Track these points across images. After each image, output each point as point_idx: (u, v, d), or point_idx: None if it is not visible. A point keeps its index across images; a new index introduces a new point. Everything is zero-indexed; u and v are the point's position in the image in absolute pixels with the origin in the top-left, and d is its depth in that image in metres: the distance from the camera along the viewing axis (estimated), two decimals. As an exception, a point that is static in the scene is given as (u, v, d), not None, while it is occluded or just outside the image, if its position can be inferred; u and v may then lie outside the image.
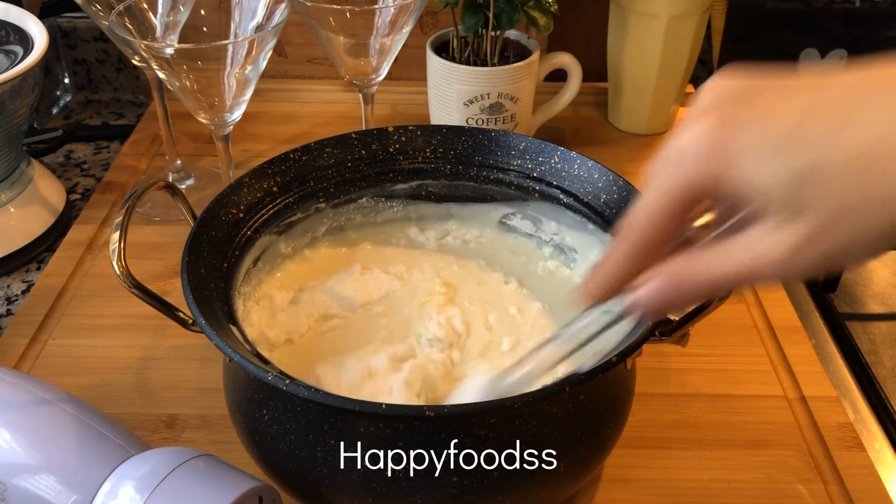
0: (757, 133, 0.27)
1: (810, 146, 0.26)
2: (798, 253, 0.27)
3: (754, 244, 0.28)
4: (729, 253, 0.29)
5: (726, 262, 0.29)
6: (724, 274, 0.29)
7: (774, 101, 0.28)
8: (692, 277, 0.30)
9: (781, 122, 0.27)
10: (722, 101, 0.29)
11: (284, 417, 0.41)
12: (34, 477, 0.42)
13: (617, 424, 0.45)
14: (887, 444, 0.57)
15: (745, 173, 0.27)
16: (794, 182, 0.27)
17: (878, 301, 0.69)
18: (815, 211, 0.26)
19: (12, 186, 0.70)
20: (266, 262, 0.52)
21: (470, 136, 0.55)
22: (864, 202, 0.26)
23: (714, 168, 0.28)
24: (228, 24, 0.65)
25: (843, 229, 0.26)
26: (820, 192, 0.26)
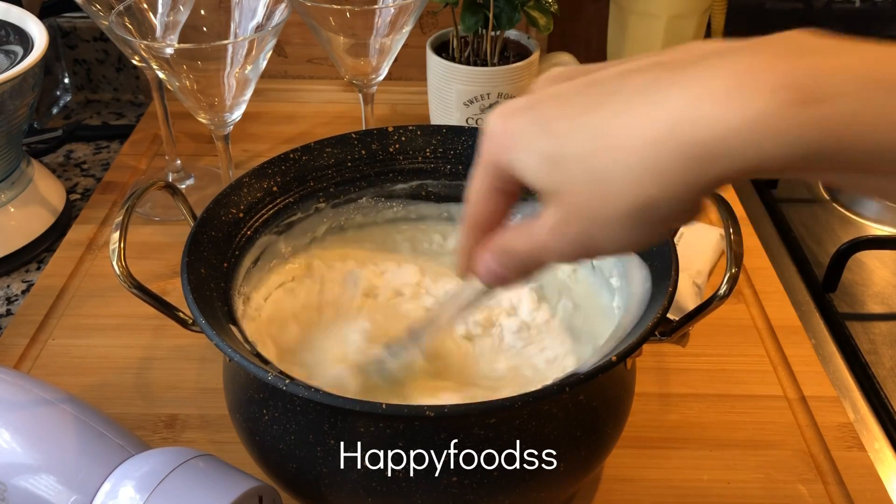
0: (529, 119, 0.29)
1: (559, 131, 0.28)
2: (555, 235, 0.29)
3: (536, 224, 0.30)
4: (524, 230, 0.31)
5: (520, 239, 0.31)
6: (520, 250, 0.31)
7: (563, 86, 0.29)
8: (503, 251, 0.32)
9: (550, 107, 0.28)
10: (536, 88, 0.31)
11: (284, 417, 0.41)
12: (34, 477, 0.42)
13: (617, 424, 0.45)
14: (887, 444, 0.57)
15: (515, 157, 0.29)
16: (544, 168, 0.28)
17: (878, 301, 0.69)
18: (562, 195, 0.28)
19: (12, 186, 0.70)
20: (266, 261, 0.52)
21: (470, 136, 0.55)
22: (597, 187, 0.27)
23: (500, 152, 0.30)
24: (228, 24, 0.65)
25: (585, 213, 0.28)
26: (563, 177, 0.28)
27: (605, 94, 0.27)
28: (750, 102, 0.23)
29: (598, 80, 0.28)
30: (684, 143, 0.24)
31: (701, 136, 0.24)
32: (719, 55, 0.25)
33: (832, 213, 0.80)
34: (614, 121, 0.26)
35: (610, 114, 0.26)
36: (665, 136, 0.25)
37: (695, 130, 0.24)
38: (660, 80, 0.26)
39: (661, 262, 0.44)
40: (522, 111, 0.29)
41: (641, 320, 0.42)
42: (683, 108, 0.25)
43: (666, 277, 0.42)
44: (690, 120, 0.24)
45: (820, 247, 0.75)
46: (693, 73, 0.25)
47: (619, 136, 0.26)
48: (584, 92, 0.28)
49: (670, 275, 0.42)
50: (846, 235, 0.74)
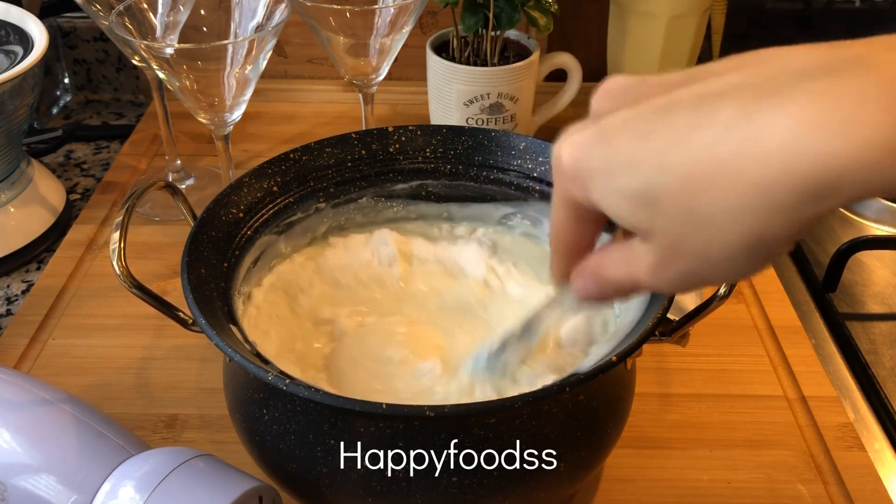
0: (604, 153, 0.27)
1: (644, 169, 0.26)
2: (657, 272, 0.28)
3: (631, 257, 0.29)
4: (619, 260, 0.30)
5: (616, 268, 0.30)
6: (617, 280, 0.30)
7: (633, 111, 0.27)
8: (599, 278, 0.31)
9: (626, 139, 0.26)
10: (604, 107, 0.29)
11: (284, 417, 0.41)
12: (34, 477, 0.42)
13: (617, 424, 0.45)
14: (887, 444, 0.57)
15: (595, 196, 0.28)
16: (633, 206, 0.26)
17: (878, 301, 0.69)
18: (660, 234, 0.27)
19: (12, 186, 0.70)
20: (266, 261, 0.52)
21: (470, 136, 0.55)
22: (699, 228, 0.25)
23: (577, 190, 0.28)
24: (228, 24, 0.65)
25: (690, 250, 0.26)
26: (657, 219, 0.26)
27: (692, 125, 0.25)
28: (867, 134, 0.22)
29: (677, 104, 0.26)
30: (802, 178, 0.23)
31: (818, 171, 0.22)
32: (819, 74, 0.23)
33: (832, 213, 0.80)
34: (712, 156, 0.24)
35: (703, 147, 0.24)
36: (775, 171, 0.23)
37: (811, 165, 0.22)
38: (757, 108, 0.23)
39: (661, 262, 0.44)
40: (595, 143, 0.27)
41: (641, 320, 0.42)
42: (794, 141, 0.22)
43: (666, 277, 0.42)
44: (804, 154, 0.22)
45: (820, 247, 0.75)
46: (794, 98, 0.23)
47: (720, 173, 0.24)
48: (665, 121, 0.25)
49: (670, 275, 0.42)
50: (846, 235, 0.74)
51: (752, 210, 0.24)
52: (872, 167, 0.22)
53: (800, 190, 0.23)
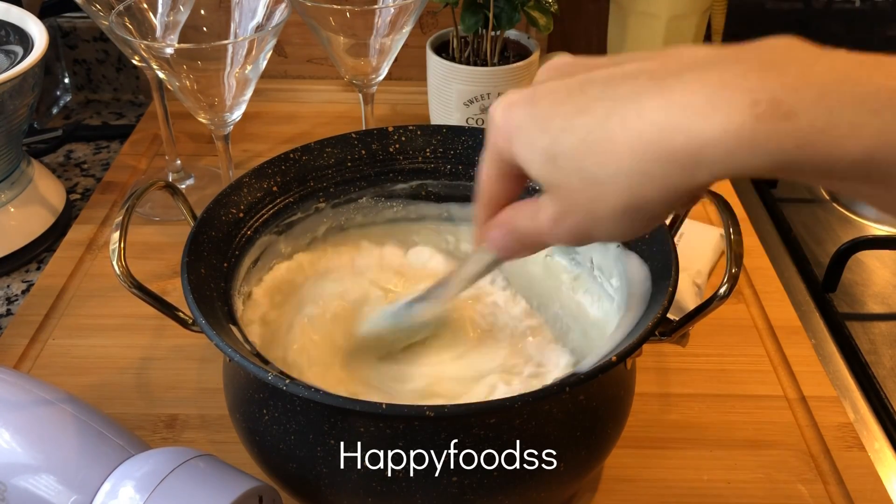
0: (528, 112, 0.30)
1: (554, 128, 0.29)
2: (555, 225, 0.31)
3: (537, 210, 0.32)
4: (527, 212, 0.33)
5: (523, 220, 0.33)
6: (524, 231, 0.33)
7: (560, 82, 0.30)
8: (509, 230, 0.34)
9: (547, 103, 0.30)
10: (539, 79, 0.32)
11: (284, 417, 0.41)
12: (34, 477, 0.42)
13: (617, 424, 0.45)
14: (887, 444, 0.57)
15: (515, 148, 0.31)
16: (542, 161, 0.30)
17: (878, 301, 0.69)
18: (559, 188, 0.30)
19: (12, 186, 0.70)
20: (266, 261, 0.52)
21: (470, 136, 0.55)
22: (590, 186, 0.29)
23: (503, 142, 0.31)
24: (228, 24, 0.65)
25: (581, 206, 0.30)
26: (559, 175, 0.30)
27: (595, 98, 0.28)
28: (727, 116, 0.25)
29: (592, 81, 0.29)
30: (668, 151, 0.26)
31: (683, 146, 0.26)
32: (702, 67, 0.26)
33: (832, 213, 0.80)
34: (603, 125, 0.28)
35: (600, 117, 0.28)
36: (650, 143, 0.26)
37: (678, 140, 0.26)
38: (646, 89, 0.27)
39: (661, 262, 0.44)
40: (523, 104, 0.30)
41: (641, 320, 0.42)
42: (667, 119, 0.26)
43: (666, 277, 0.42)
44: (673, 130, 0.26)
45: (820, 247, 0.75)
46: (676, 84, 0.26)
47: (607, 140, 0.27)
48: (578, 92, 0.29)
49: (670, 275, 0.42)
50: (846, 235, 0.74)
51: (627, 174, 0.27)
52: (729, 147, 0.25)
53: (666, 160, 0.26)
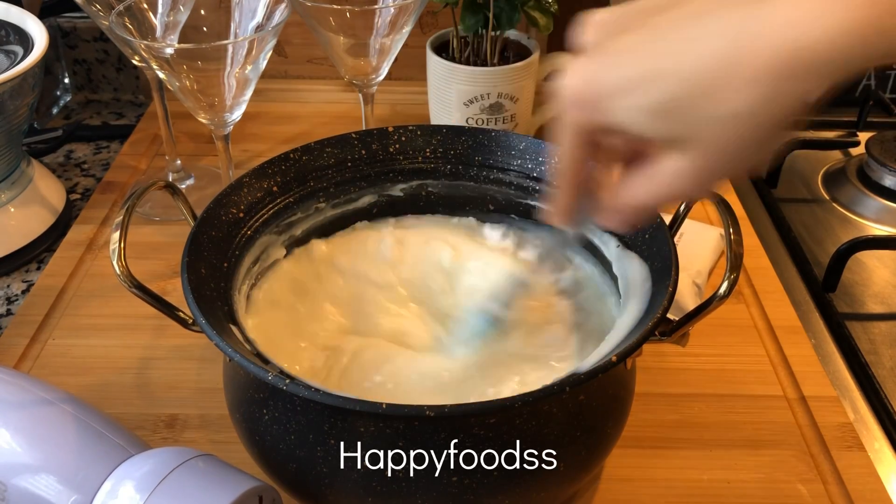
0: (615, 76, 0.29)
1: (661, 82, 0.28)
2: (695, 178, 0.30)
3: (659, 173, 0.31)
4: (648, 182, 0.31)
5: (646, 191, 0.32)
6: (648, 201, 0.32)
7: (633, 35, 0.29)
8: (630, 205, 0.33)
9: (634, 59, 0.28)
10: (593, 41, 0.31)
11: (284, 417, 0.41)
12: (34, 477, 0.42)
13: (617, 424, 0.45)
14: (887, 444, 0.57)
15: (619, 116, 0.30)
16: (658, 120, 0.28)
17: (878, 301, 0.69)
18: (691, 141, 0.28)
19: (12, 186, 0.70)
20: (266, 261, 0.52)
21: (470, 136, 0.55)
22: (720, 121, 0.27)
23: (590, 114, 0.30)
24: (228, 24, 0.65)
25: (723, 149, 0.28)
26: (684, 124, 0.28)
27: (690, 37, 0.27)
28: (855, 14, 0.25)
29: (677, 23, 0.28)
30: (800, 62, 0.26)
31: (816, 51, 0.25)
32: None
33: (832, 213, 0.80)
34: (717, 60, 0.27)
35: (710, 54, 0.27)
36: (780, 61, 0.26)
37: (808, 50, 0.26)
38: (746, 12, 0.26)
39: (661, 262, 0.44)
40: (602, 69, 0.29)
41: (641, 320, 0.42)
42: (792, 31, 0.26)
43: (666, 277, 0.42)
44: (801, 40, 0.26)
45: (820, 247, 0.75)
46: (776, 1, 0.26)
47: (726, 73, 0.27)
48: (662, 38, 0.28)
49: (670, 275, 0.42)
50: (846, 235, 0.74)
51: (767, 97, 0.26)
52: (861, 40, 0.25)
53: (807, 70, 0.26)
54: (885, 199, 0.80)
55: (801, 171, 0.86)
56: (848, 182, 0.83)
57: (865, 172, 0.82)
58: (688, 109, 0.28)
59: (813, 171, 0.86)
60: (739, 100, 0.27)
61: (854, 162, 0.85)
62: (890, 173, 0.80)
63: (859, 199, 0.81)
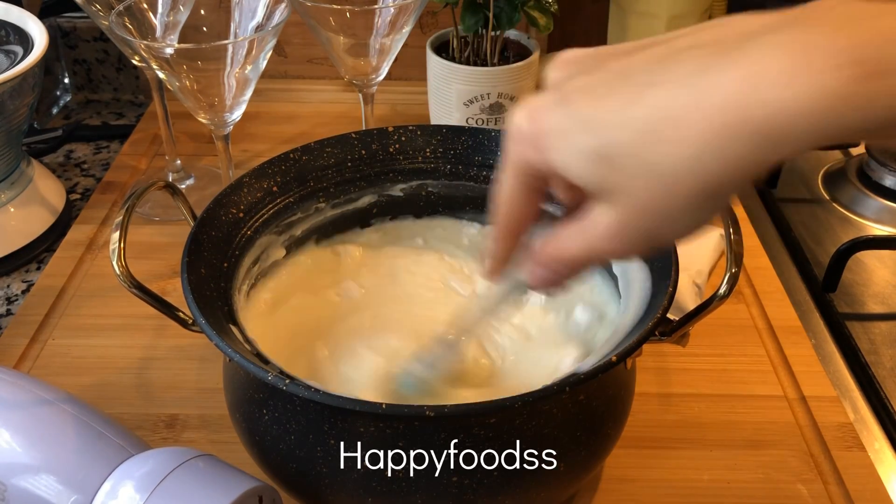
0: (562, 115, 0.27)
1: (602, 126, 0.26)
2: (615, 236, 0.28)
3: (588, 225, 0.29)
4: (575, 233, 0.30)
5: (574, 243, 0.30)
6: (575, 254, 0.30)
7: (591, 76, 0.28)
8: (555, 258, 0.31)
9: (585, 100, 0.27)
10: (557, 78, 0.29)
11: (284, 417, 0.41)
12: (34, 477, 0.42)
13: (617, 424, 0.45)
14: (887, 444, 0.57)
15: (555, 157, 0.28)
16: (593, 165, 0.27)
17: (878, 301, 0.69)
18: (619, 191, 0.27)
19: (12, 186, 0.70)
20: (266, 261, 0.52)
21: (470, 136, 0.55)
22: (659, 181, 0.26)
23: (533, 152, 0.29)
24: (228, 24, 0.65)
25: (648, 209, 0.27)
26: (617, 175, 0.27)
27: (648, 83, 0.26)
28: (816, 82, 0.23)
29: (635, 67, 0.27)
30: (750, 125, 0.24)
31: (769, 118, 0.23)
32: (771, 31, 0.24)
33: (832, 213, 0.80)
34: (667, 109, 0.25)
35: (661, 102, 0.25)
36: (730, 120, 0.24)
37: (762, 113, 0.23)
38: (712, 63, 0.25)
39: (661, 262, 0.44)
40: (553, 107, 0.28)
41: (641, 320, 0.42)
42: (746, 91, 0.24)
43: (666, 277, 0.42)
44: (755, 103, 0.23)
45: (820, 247, 0.75)
46: (747, 53, 0.24)
47: (674, 126, 0.25)
48: (621, 82, 0.27)
49: (670, 275, 0.42)
50: (846, 235, 0.74)
51: (702, 159, 0.25)
52: (821, 114, 0.23)
53: (748, 137, 0.24)
54: (886, 199, 0.80)
55: (801, 171, 0.86)
56: (848, 182, 0.83)
57: (866, 172, 0.82)
58: (624, 158, 0.26)
59: (813, 171, 0.86)
60: (676, 155, 0.25)
61: (854, 162, 0.85)
62: (890, 173, 0.80)
63: (859, 199, 0.81)
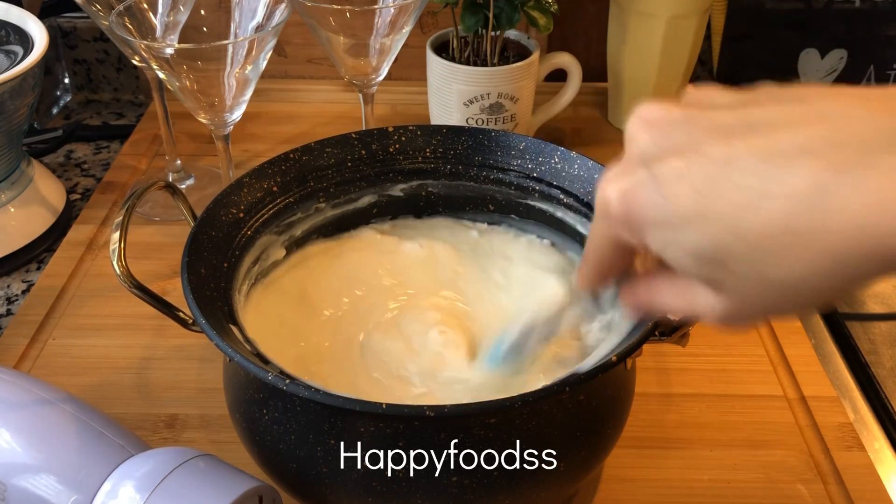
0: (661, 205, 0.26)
1: (712, 231, 0.25)
2: (730, 317, 0.28)
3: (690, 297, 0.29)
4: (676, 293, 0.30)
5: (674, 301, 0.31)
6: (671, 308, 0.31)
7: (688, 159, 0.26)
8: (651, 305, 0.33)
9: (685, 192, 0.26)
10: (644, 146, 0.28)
11: (284, 417, 0.41)
12: (34, 477, 0.42)
13: (617, 424, 0.45)
14: (887, 444, 0.57)
15: (654, 245, 0.28)
16: (698, 261, 0.27)
17: (878, 301, 0.69)
18: (730, 290, 0.27)
19: (12, 186, 0.70)
20: (266, 261, 0.52)
21: (470, 136, 0.55)
22: (772, 285, 0.25)
23: (628, 234, 0.29)
24: (228, 24, 0.65)
25: (760, 305, 0.27)
26: (726, 274, 0.26)
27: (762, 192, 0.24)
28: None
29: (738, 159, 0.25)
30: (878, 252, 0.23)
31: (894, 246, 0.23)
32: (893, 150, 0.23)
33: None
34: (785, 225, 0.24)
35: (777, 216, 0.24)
36: (860, 244, 0.23)
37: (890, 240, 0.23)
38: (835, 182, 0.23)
39: (661, 262, 0.44)
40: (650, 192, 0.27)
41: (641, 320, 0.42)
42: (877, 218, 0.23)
43: (666, 277, 0.42)
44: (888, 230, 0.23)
45: (820, 247, 0.75)
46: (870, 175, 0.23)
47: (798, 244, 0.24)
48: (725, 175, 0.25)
49: (670, 275, 0.42)
50: (846, 235, 0.74)
51: (826, 276, 0.24)
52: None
53: (876, 262, 0.23)
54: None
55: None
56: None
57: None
58: (735, 264, 0.26)
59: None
60: (796, 270, 0.24)
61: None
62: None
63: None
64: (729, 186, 0.25)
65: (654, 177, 0.27)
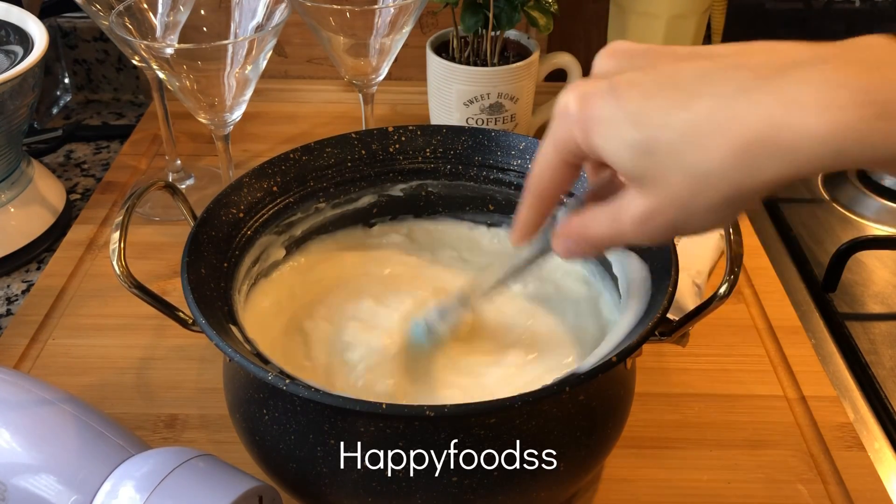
0: (612, 105, 0.30)
1: (649, 123, 0.29)
2: (644, 223, 0.31)
3: (619, 209, 0.32)
4: (603, 217, 0.33)
5: (602, 224, 0.33)
6: (602, 234, 0.33)
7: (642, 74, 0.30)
8: (581, 238, 0.35)
9: (635, 96, 0.30)
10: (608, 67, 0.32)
11: (284, 417, 0.41)
12: (34, 477, 0.42)
13: (617, 424, 0.45)
14: (887, 444, 0.57)
15: (600, 142, 0.31)
16: (635, 156, 0.30)
17: (878, 301, 0.69)
18: (655, 184, 0.30)
19: (12, 186, 0.70)
20: (266, 261, 0.52)
21: (470, 136, 0.55)
22: (692, 181, 0.29)
23: (579, 133, 0.31)
24: (228, 24, 0.65)
25: (678, 204, 0.30)
26: (655, 168, 0.30)
27: (695, 93, 0.29)
28: (838, 115, 0.26)
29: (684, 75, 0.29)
30: (777, 145, 0.27)
31: (793, 141, 0.27)
32: (809, 65, 0.27)
33: (832, 213, 0.80)
34: (710, 120, 0.28)
35: (704, 111, 0.28)
36: (761, 138, 0.27)
37: (788, 136, 0.27)
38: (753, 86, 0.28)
39: (661, 262, 0.44)
40: (604, 96, 0.30)
41: (641, 320, 0.42)
42: (778, 115, 0.27)
43: (666, 277, 0.42)
44: (784, 126, 0.27)
45: (820, 247, 0.75)
46: (784, 81, 0.27)
47: (713, 134, 0.28)
48: (671, 86, 0.29)
49: (670, 275, 0.42)
50: (846, 235, 0.74)
51: (733, 167, 0.28)
52: (837, 143, 0.26)
53: (773, 154, 0.27)
54: (885, 199, 0.80)
55: (801, 171, 0.86)
56: (848, 182, 0.83)
57: (865, 172, 0.82)
58: (664, 155, 0.29)
59: (813, 171, 0.86)
60: (712, 160, 0.28)
61: (854, 162, 0.85)
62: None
63: (859, 199, 0.81)
64: (671, 90, 0.29)
65: (612, 84, 0.30)
